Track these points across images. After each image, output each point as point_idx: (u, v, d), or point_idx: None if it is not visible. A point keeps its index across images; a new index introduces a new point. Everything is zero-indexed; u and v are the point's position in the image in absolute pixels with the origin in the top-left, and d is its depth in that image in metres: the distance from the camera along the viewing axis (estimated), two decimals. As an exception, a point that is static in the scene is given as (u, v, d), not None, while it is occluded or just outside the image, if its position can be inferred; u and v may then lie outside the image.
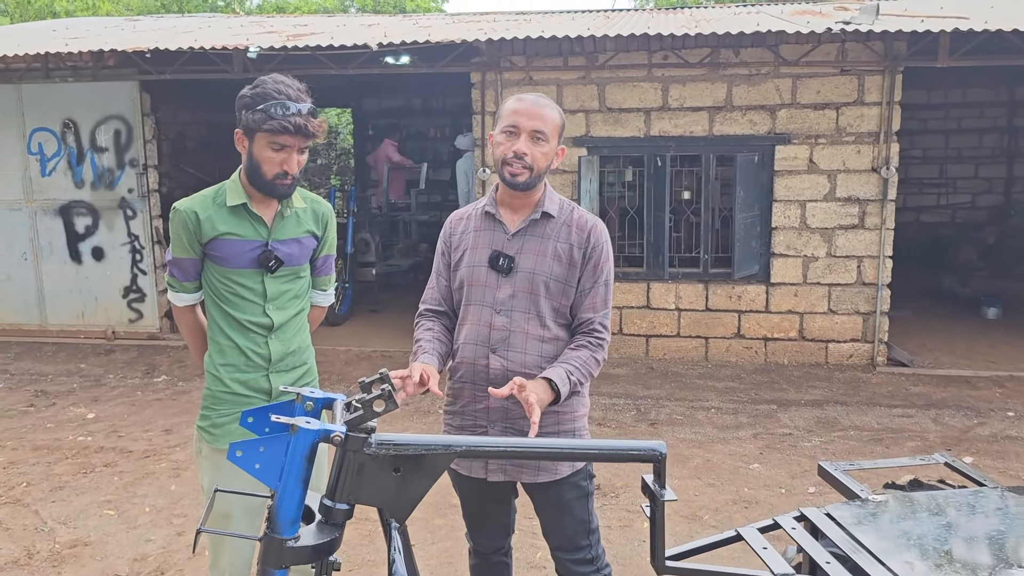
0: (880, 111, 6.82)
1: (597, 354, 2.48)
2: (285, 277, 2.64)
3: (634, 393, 6.46)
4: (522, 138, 2.42)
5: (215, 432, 2.61)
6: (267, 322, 2.61)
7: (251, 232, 2.57)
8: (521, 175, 2.43)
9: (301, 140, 2.45)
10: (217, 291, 2.61)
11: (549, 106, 2.50)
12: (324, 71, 7.43)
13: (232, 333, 2.61)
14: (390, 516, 1.70)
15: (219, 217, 2.55)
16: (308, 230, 2.68)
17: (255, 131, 2.43)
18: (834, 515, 2.03)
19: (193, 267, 2.61)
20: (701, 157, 7.15)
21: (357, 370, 7.14)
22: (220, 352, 2.63)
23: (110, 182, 8.01)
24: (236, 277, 2.58)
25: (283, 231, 2.61)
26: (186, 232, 2.54)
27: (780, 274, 7.16)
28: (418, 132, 14.01)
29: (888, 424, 5.71)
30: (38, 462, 5.12)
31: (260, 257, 2.57)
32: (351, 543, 3.90)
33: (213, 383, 2.64)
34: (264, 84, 2.43)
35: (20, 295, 8.32)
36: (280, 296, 2.64)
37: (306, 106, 2.44)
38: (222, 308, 2.61)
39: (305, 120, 2.41)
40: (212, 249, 2.56)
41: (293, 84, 2.46)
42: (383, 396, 1.63)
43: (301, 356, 2.73)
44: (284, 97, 2.40)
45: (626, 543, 3.99)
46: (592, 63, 7.15)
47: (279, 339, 2.64)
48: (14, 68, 7.88)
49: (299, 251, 2.65)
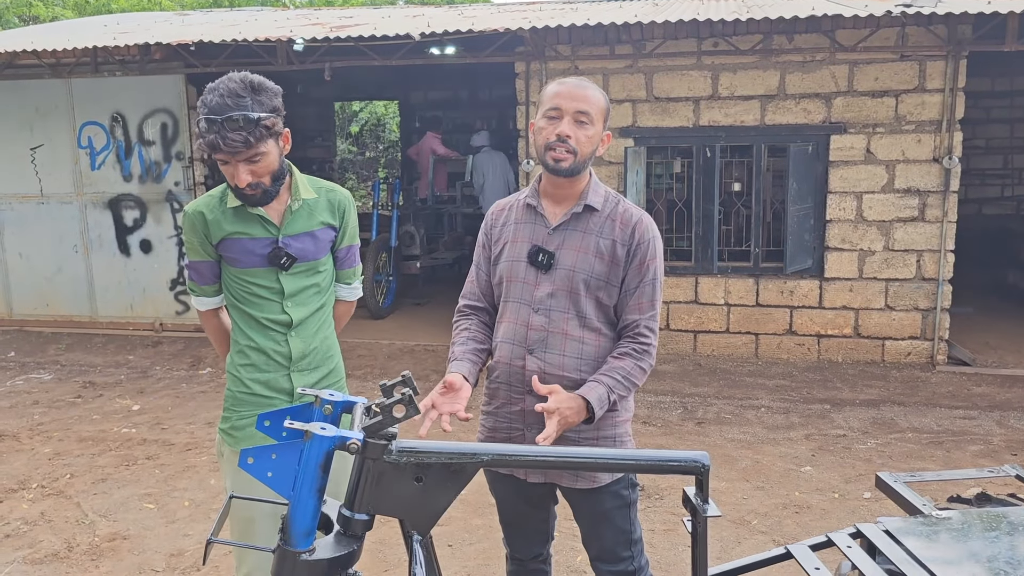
0: (942, 98, 6.52)
1: (642, 362, 2.34)
2: (303, 272, 2.54)
3: (681, 391, 6.29)
4: (565, 120, 2.29)
5: (235, 435, 2.55)
6: (286, 319, 2.52)
7: (259, 230, 2.47)
8: (565, 160, 2.29)
9: (231, 155, 2.26)
10: (233, 291, 2.54)
11: (592, 88, 2.35)
12: (368, 62, 7.38)
13: (251, 332, 2.53)
14: (411, 528, 1.60)
15: (226, 217, 2.46)
16: (323, 221, 2.56)
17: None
18: (894, 532, 1.87)
19: (210, 270, 2.54)
20: (752, 148, 6.93)
21: (400, 364, 7.10)
22: (240, 352, 2.56)
23: (157, 175, 8.08)
24: (249, 277, 2.50)
25: (294, 226, 2.50)
26: (196, 235, 2.48)
27: (835, 269, 6.91)
28: (464, 124, 13.94)
29: (949, 426, 5.45)
30: (83, 454, 5.15)
31: (271, 255, 2.47)
32: (387, 542, 3.82)
33: (233, 384, 2.57)
34: (205, 93, 2.26)
35: (71, 287, 8.45)
36: (300, 292, 2.54)
37: (234, 114, 2.21)
38: (240, 308, 2.54)
39: (220, 138, 2.21)
40: (223, 250, 2.49)
41: (227, 89, 2.24)
42: (403, 401, 1.53)
43: (325, 354, 2.63)
44: (206, 111, 2.22)
45: (670, 548, 3.85)
46: (639, 51, 6.97)
47: (299, 336, 2.55)
48: (64, 63, 7.98)
49: (314, 245, 2.54)
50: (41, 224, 8.38)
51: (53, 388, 6.61)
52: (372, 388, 6.34)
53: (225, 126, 2.22)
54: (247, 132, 2.24)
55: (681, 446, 5.16)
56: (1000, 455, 4.93)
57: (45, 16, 16.51)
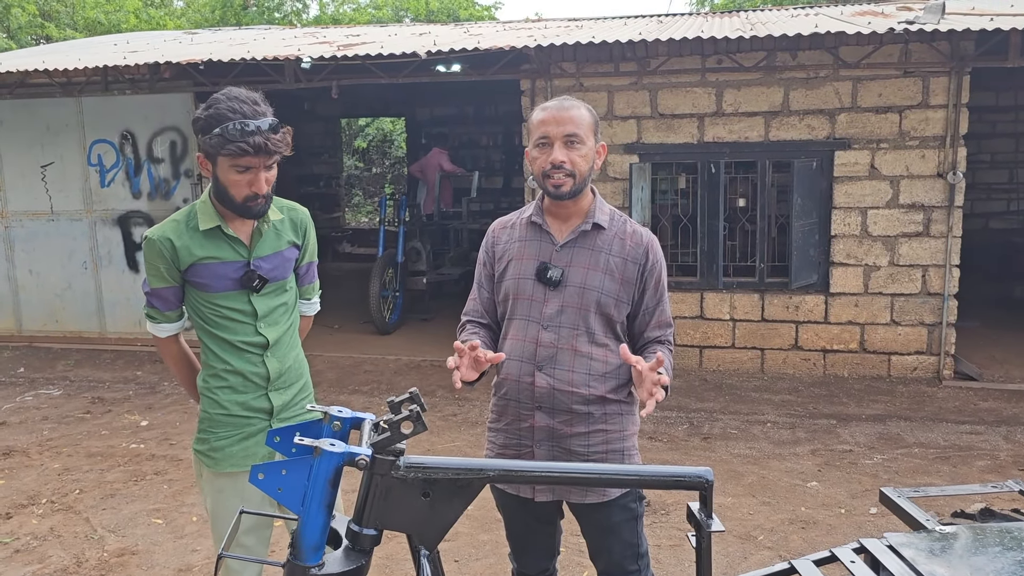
0: (946, 114, 6.55)
1: (671, 355, 2.41)
2: (273, 293, 2.55)
3: (687, 406, 6.29)
4: (556, 146, 2.32)
5: (215, 456, 2.52)
6: (262, 340, 2.52)
7: (230, 253, 2.46)
8: (564, 184, 2.33)
9: (265, 159, 2.31)
10: (204, 316, 2.50)
11: (576, 106, 2.38)
12: (375, 80, 7.44)
13: (226, 355, 2.50)
14: (419, 543, 1.62)
15: (195, 242, 2.43)
16: (289, 240, 2.58)
17: (215, 155, 2.30)
18: (897, 547, 1.88)
19: (175, 295, 2.50)
20: (757, 163, 6.96)
21: (407, 380, 7.11)
22: (215, 375, 2.52)
23: (166, 192, 8.15)
24: (221, 301, 2.47)
25: (263, 247, 2.50)
26: (163, 261, 2.43)
27: (840, 284, 6.92)
28: (470, 140, 14.02)
29: (955, 441, 5.44)
30: (91, 469, 5.18)
31: (243, 278, 2.46)
32: (394, 557, 3.83)
33: (210, 406, 2.53)
34: (218, 104, 2.27)
35: (80, 303, 8.51)
36: (271, 312, 2.54)
37: (266, 121, 2.28)
38: (212, 332, 2.50)
39: (265, 138, 2.26)
40: (192, 275, 2.45)
41: (249, 98, 2.30)
42: (411, 417, 1.55)
43: (298, 370, 2.65)
44: (240, 116, 2.24)
45: (676, 564, 3.85)
46: (644, 68, 7.02)
47: (275, 356, 2.55)
48: (75, 82, 8.08)
49: (282, 264, 2.56)
50: (51, 241, 8.46)
51: (62, 404, 6.65)
52: (378, 404, 6.36)
53: (264, 131, 2.26)
54: (281, 135, 2.31)
55: (687, 461, 5.16)
56: (1007, 470, 4.92)
57: (58, 37, 16.69)
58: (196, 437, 2.58)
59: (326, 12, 21.65)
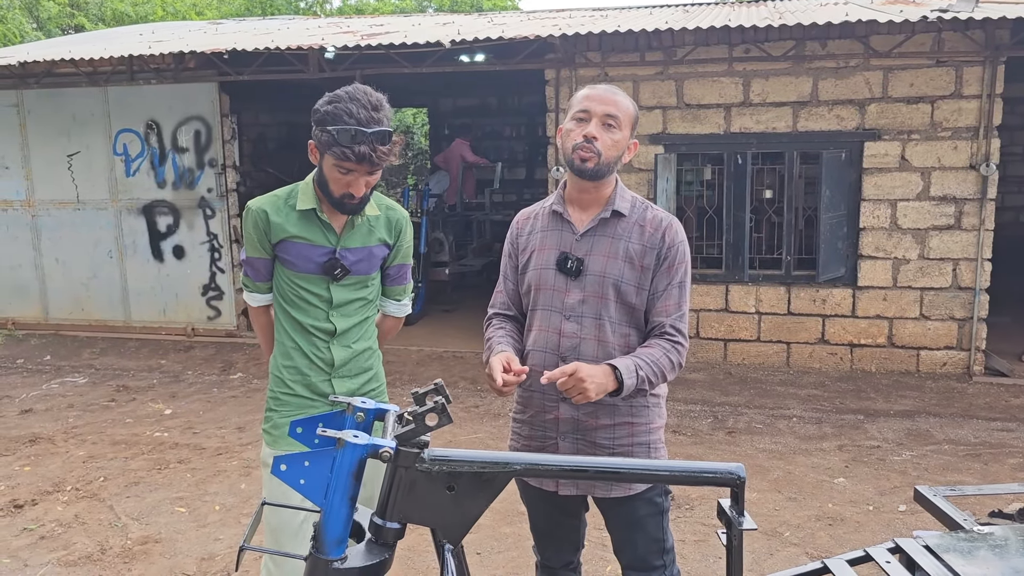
0: (979, 105, 6.41)
1: (671, 355, 2.30)
2: (352, 285, 2.58)
3: (711, 399, 6.22)
4: (593, 122, 2.30)
5: (274, 433, 2.57)
6: (330, 327, 2.56)
7: (320, 237, 2.50)
8: (590, 160, 2.29)
9: (368, 167, 2.34)
10: (284, 294, 2.57)
11: (622, 95, 2.38)
12: (398, 70, 7.41)
13: (296, 336, 2.57)
14: (443, 538, 1.58)
15: (289, 219, 2.49)
16: (380, 239, 2.60)
17: (323, 151, 2.36)
18: (934, 548, 1.83)
19: (265, 267, 2.57)
20: (784, 154, 6.86)
21: (429, 371, 7.10)
22: (284, 354, 2.59)
23: (190, 182, 8.17)
24: (302, 282, 2.53)
25: (352, 239, 2.54)
26: (257, 231, 2.50)
27: (868, 277, 6.81)
28: (493, 131, 13.97)
29: (986, 438, 5.34)
30: (116, 457, 5.21)
31: (326, 264, 2.50)
32: (416, 549, 3.82)
33: (276, 384, 2.60)
34: (338, 103, 2.30)
35: (106, 292, 8.57)
36: (346, 304, 2.57)
37: (378, 130, 2.29)
38: (287, 311, 2.57)
39: (371, 150, 2.29)
40: (281, 251, 2.52)
41: (368, 103, 2.31)
42: (436, 409, 1.52)
43: (367, 361, 2.66)
44: (354, 122, 2.27)
45: (701, 559, 3.80)
46: (670, 58, 6.93)
47: (341, 344, 2.58)
48: (101, 71, 8.11)
49: (368, 260, 2.58)
50: (77, 230, 8.52)
51: (87, 392, 6.70)
52: (401, 394, 6.35)
53: (374, 139, 2.29)
54: (389, 147, 2.33)
55: (712, 456, 5.10)
56: (1040, 468, 4.82)
57: (89, 28, 16.84)
58: (264, 416, 2.64)
59: (349, 3, 21.66)
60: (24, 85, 8.35)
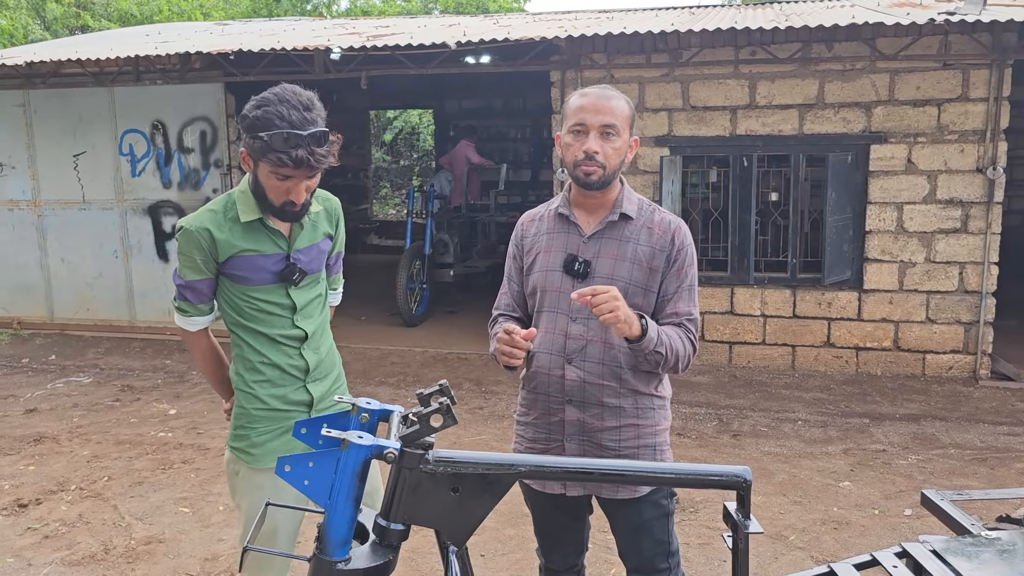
0: (986, 107, 6.39)
1: (686, 343, 2.32)
2: (309, 285, 2.52)
3: (716, 402, 6.21)
4: (591, 136, 2.28)
5: (254, 452, 2.47)
6: (299, 334, 2.48)
7: (270, 246, 2.40)
8: (595, 173, 2.29)
9: (307, 171, 2.23)
10: (239, 309, 2.44)
11: (616, 97, 2.33)
12: (404, 71, 7.41)
13: (264, 349, 2.45)
14: (447, 539, 1.58)
15: (234, 234, 2.36)
16: (324, 232, 2.55)
17: (257, 159, 2.24)
18: (941, 552, 1.82)
19: (209, 288, 2.43)
20: (790, 157, 6.84)
21: (433, 372, 7.09)
22: (252, 369, 2.46)
23: (196, 182, 8.18)
24: (259, 294, 2.42)
25: (302, 239, 2.46)
26: (200, 252, 2.35)
27: (874, 280, 6.79)
28: (498, 133, 13.97)
29: (992, 443, 5.32)
30: (120, 456, 5.21)
31: (283, 271, 2.42)
32: (419, 551, 3.81)
33: (248, 401, 2.47)
34: (267, 106, 2.18)
35: (111, 292, 8.58)
36: (307, 305, 2.51)
37: (314, 132, 2.18)
38: (247, 326, 2.45)
39: (309, 153, 2.17)
40: (230, 268, 2.38)
41: (300, 103, 2.20)
42: (441, 410, 1.51)
43: (332, 360, 2.63)
44: (287, 125, 2.15)
45: (706, 563, 3.79)
46: (676, 60, 6.92)
47: (311, 348, 2.52)
48: (107, 72, 8.13)
49: (318, 256, 2.53)
50: (82, 230, 8.53)
51: (92, 391, 6.71)
52: (405, 396, 6.35)
53: (311, 141, 2.18)
54: (327, 148, 2.23)
55: (716, 459, 5.09)
56: (1046, 473, 4.80)
57: (94, 27, 16.86)
58: (232, 434, 2.51)
59: (356, 4, 21.69)
60: (31, 85, 8.37)
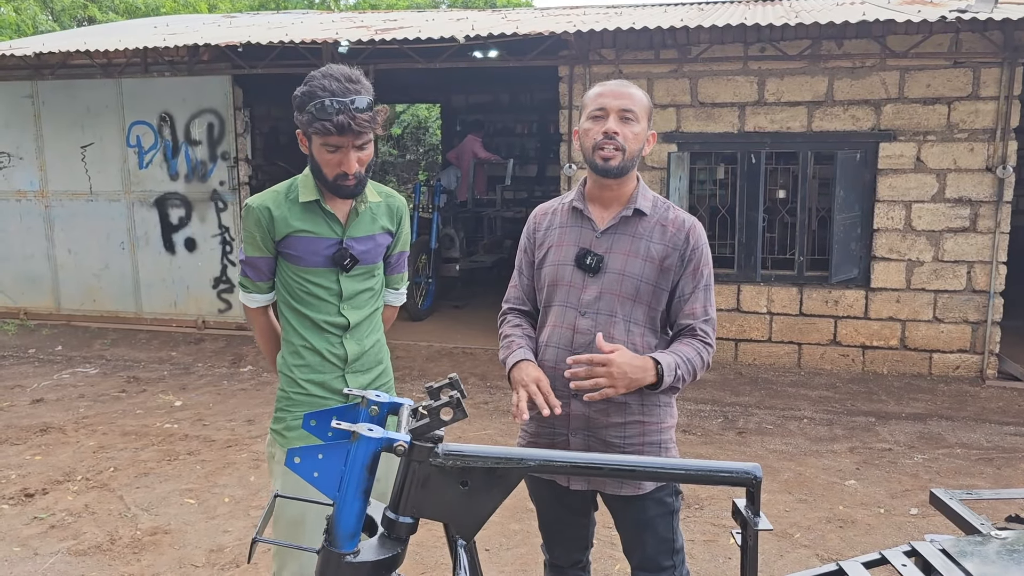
0: (997, 106, 6.36)
1: (704, 354, 2.31)
2: (360, 276, 2.53)
3: (722, 400, 6.20)
4: (611, 118, 2.29)
5: (288, 435, 2.51)
6: (342, 322, 2.51)
7: (325, 229, 2.46)
8: (614, 158, 2.28)
9: (353, 138, 2.29)
10: (291, 290, 2.50)
11: (635, 88, 2.37)
12: (412, 65, 7.40)
13: (306, 333, 2.50)
14: (456, 533, 1.58)
15: (292, 213, 2.43)
16: (383, 226, 2.56)
17: (308, 134, 2.32)
18: (950, 551, 1.81)
19: (267, 266, 2.51)
20: (798, 154, 6.82)
21: (438, 366, 7.10)
22: (294, 353, 2.52)
23: (203, 175, 8.18)
24: (310, 276, 2.47)
25: (358, 228, 2.50)
26: (259, 229, 2.44)
27: (881, 279, 6.77)
28: (505, 128, 13.95)
29: (999, 443, 5.30)
30: (126, 447, 5.23)
31: (335, 255, 2.46)
32: (425, 544, 3.81)
33: (288, 384, 2.54)
34: (311, 81, 2.27)
35: (117, 284, 8.59)
36: (356, 295, 2.53)
37: (357, 98, 2.24)
38: (296, 308, 2.51)
39: (350, 118, 2.22)
40: (286, 247, 2.46)
41: (343, 75, 2.27)
42: (451, 404, 1.51)
43: (377, 355, 2.63)
44: (328, 94, 2.23)
45: (710, 559, 3.79)
46: (684, 56, 6.90)
47: (354, 338, 2.54)
48: (115, 63, 8.13)
49: (374, 248, 2.54)
50: (90, 221, 8.54)
51: (98, 382, 6.73)
52: (410, 389, 6.35)
53: (352, 107, 2.23)
54: (370, 115, 2.28)
55: (722, 456, 5.08)
56: (1053, 474, 4.78)
57: (100, 19, 16.88)
58: (273, 416, 2.58)
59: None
60: (39, 76, 8.37)
